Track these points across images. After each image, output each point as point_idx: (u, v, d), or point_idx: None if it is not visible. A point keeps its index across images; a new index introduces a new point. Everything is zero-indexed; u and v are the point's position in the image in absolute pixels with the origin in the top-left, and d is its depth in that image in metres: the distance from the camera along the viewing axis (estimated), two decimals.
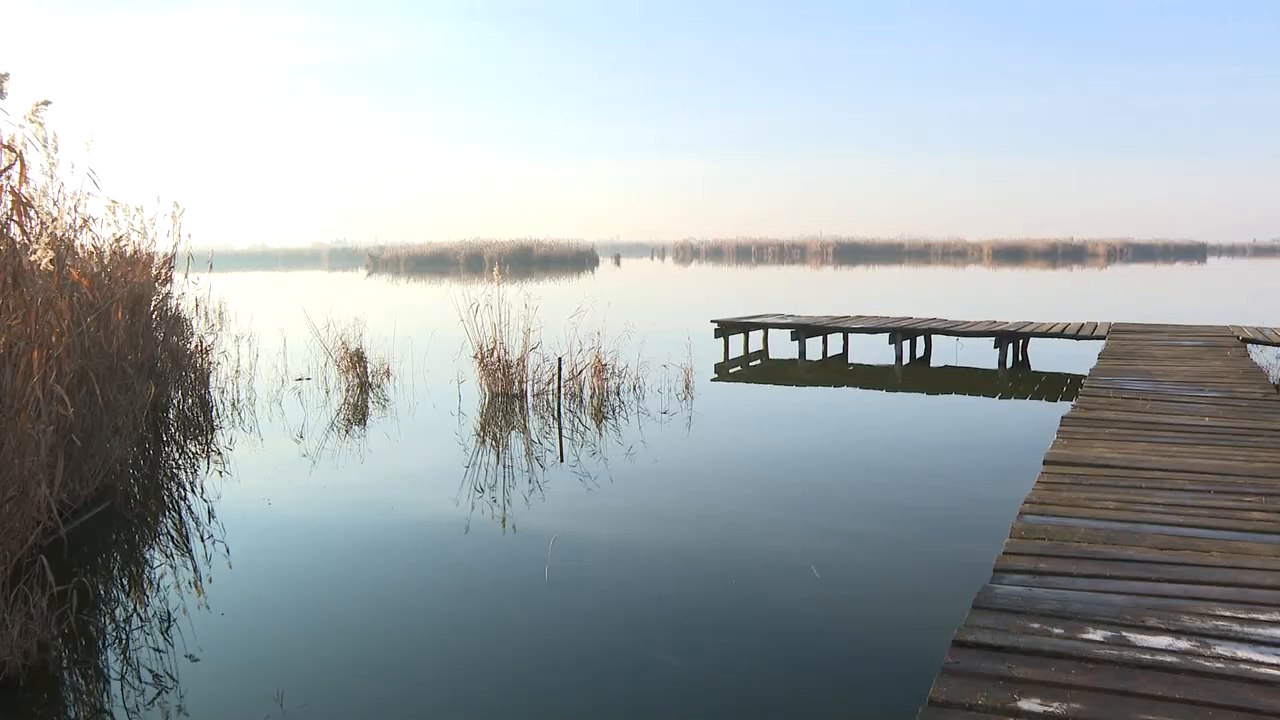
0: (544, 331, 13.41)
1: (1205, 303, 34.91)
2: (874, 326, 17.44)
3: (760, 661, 5.25)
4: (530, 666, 5.24)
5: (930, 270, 69.99)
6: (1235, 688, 3.36)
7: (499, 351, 13.18)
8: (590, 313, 13.76)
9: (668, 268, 78.97)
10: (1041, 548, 4.93)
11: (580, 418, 12.09)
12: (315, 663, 5.33)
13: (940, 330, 17.36)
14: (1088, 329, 16.60)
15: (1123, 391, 10.05)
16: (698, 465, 9.95)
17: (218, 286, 14.77)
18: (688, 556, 7.04)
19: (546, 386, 13.18)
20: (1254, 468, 6.70)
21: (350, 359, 14.19)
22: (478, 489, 8.77)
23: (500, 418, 12.16)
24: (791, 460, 10.18)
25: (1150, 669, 3.51)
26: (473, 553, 7.19)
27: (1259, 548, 4.95)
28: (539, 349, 13.33)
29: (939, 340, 18.50)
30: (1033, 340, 17.23)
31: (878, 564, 6.90)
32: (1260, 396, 9.75)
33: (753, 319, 18.60)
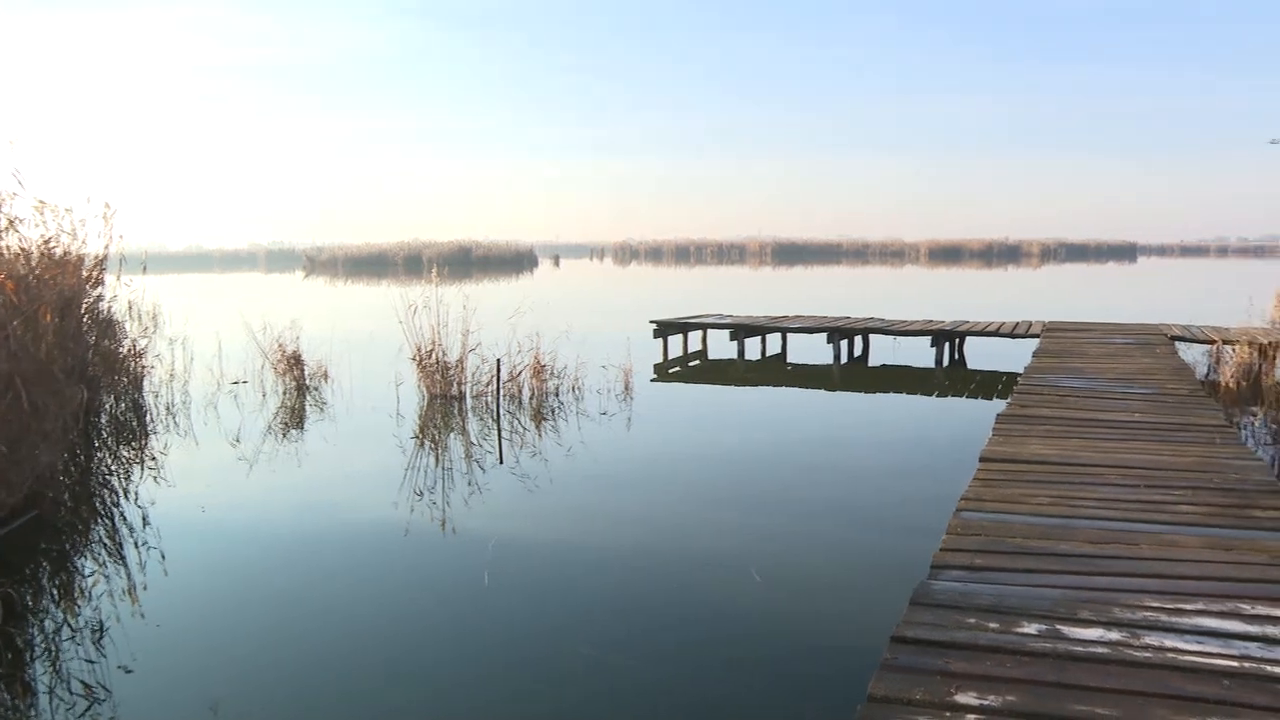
0: (483, 333, 13.35)
1: (1135, 302, 35.51)
2: (812, 326, 17.54)
3: (701, 661, 5.25)
4: (471, 671, 5.21)
5: (868, 270, 70.54)
6: (1163, 676, 3.43)
7: (437, 353, 13.10)
8: (529, 314, 13.72)
9: (607, 268, 78.91)
10: (978, 544, 4.99)
11: (519, 419, 12.05)
12: (252, 671, 5.26)
13: (878, 330, 17.49)
14: (1022, 328, 16.81)
15: (1057, 389, 10.19)
16: (637, 466, 9.95)
17: (152, 289, 14.56)
18: (628, 557, 7.04)
19: (485, 388, 13.12)
20: (1182, 462, 6.82)
21: (287, 361, 14.04)
22: (417, 492, 8.71)
23: (439, 420, 12.09)
24: (731, 459, 10.21)
25: (1083, 660, 3.56)
26: (412, 556, 7.13)
27: (1187, 540, 5.05)
28: (478, 350, 13.26)
29: (876, 340, 18.64)
30: (969, 339, 17.42)
31: (817, 562, 6.94)
32: (1188, 393, 9.93)
33: (691, 319, 18.63)
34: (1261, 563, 4.68)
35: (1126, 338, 15.27)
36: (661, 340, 17.75)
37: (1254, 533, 5.19)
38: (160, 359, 14.36)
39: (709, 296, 36.07)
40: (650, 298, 38.21)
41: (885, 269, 73.40)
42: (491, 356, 13.13)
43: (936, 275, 62.73)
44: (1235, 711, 3.17)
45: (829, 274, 63.73)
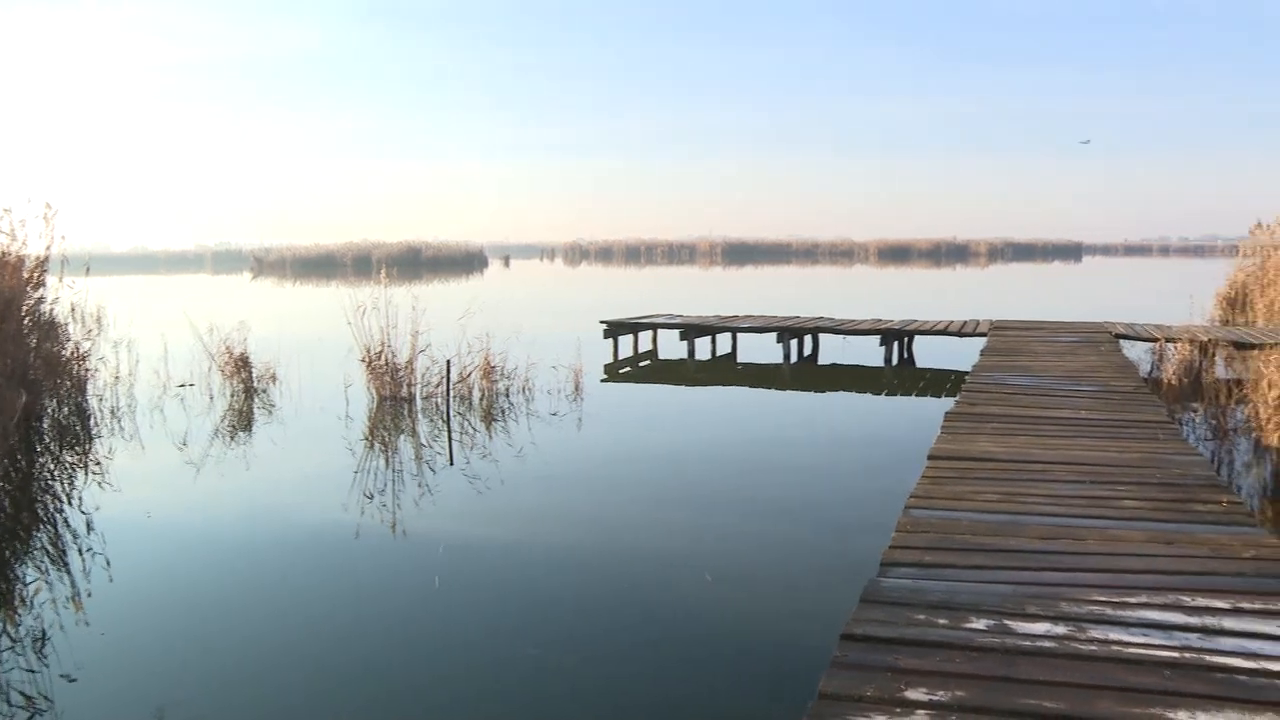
0: (433, 334, 13.28)
1: (1081, 300, 35.97)
2: (762, 326, 17.60)
3: (653, 661, 5.26)
4: (422, 673, 5.19)
5: (818, 270, 70.92)
6: (1108, 668, 3.47)
7: (387, 355, 13.02)
8: (479, 314, 13.67)
9: (557, 269, 78.79)
10: (927, 540, 5.02)
11: (470, 420, 12.00)
12: (199, 678, 5.20)
13: (827, 329, 17.59)
14: (970, 326, 16.97)
15: (1004, 387, 10.29)
16: (588, 466, 9.94)
17: (95, 290, 14.35)
18: (579, 558, 7.03)
19: (435, 389, 13.06)
20: (1127, 458, 6.91)
21: (235, 364, 13.89)
22: (367, 494, 8.65)
23: (389, 421, 12.02)
24: (682, 459, 10.23)
25: (1030, 654, 3.59)
26: (362, 559, 7.09)
27: (1132, 534, 5.12)
28: (428, 351, 13.19)
29: (826, 339, 18.75)
30: (917, 338, 17.55)
31: (768, 561, 6.97)
32: (1132, 390, 10.07)
33: (642, 319, 18.64)
34: (1201, 555, 4.76)
35: (1072, 336, 15.46)
36: (612, 340, 17.74)
37: (1194, 526, 5.27)
38: (104, 362, 14.14)
39: (659, 297, 36.11)
40: (601, 298, 38.18)
41: (835, 269, 73.82)
42: (441, 357, 13.08)
43: (885, 275, 63.18)
44: (1176, 701, 3.22)
45: (779, 274, 63.99)
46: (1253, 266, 24.62)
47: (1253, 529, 5.25)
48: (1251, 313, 22.61)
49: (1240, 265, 25.57)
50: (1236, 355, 15.45)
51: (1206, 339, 14.66)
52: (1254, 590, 4.26)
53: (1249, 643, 3.69)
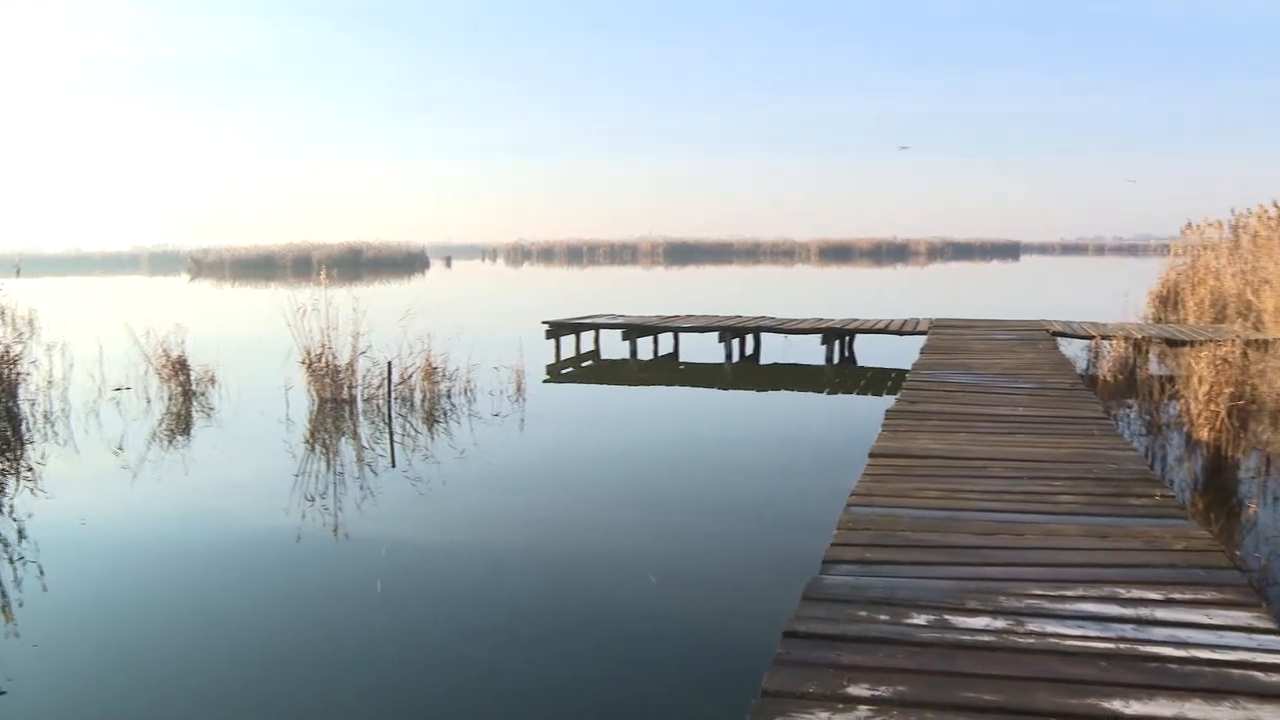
0: (374, 335, 13.18)
1: (1019, 299, 36.43)
2: (704, 325, 17.66)
3: (597, 662, 5.26)
4: (365, 679, 5.15)
5: (759, 270, 71.26)
6: (1046, 660, 3.52)
7: (327, 356, 12.91)
8: (421, 315, 13.59)
9: (499, 269, 78.52)
10: (868, 538, 5.07)
11: (411, 422, 11.94)
12: (137, 689, 5.12)
13: (769, 328, 17.68)
14: (910, 325, 17.13)
15: (944, 384, 10.40)
16: (531, 466, 9.93)
17: (26, 292, 14.10)
18: (523, 559, 7.02)
19: (377, 391, 12.97)
20: (1064, 454, 7.02)
21: (172, 366, 13.70)
22: (308, 497, 8.58)
23: (330, 424, 11.92)
24: (625, 459, 10.24)
25: (970, 649, 3.64)
26: (304, 563, 7.02)
27: (1069, 529, 5.20)
28: (369, 353, 13.09)
29: (767, 338, 18.84)
30: (858, 337, 17.68)
31: (712, 560, 6.99)
32: (1069, 386, 10.22)
33: (584, 320, 18.63)
34: (1136, 548, 4.85)
35: (1010, 334, 15.67)
36: (554, 341, 17.70)
37: (1129, 520, 5.37)
38: (37, 365, 13.89)
39: (602, 297, 36.09)
40: (543, 298, 38.10)
41: (776, 268, 74.20)
42: (382, 359, 12.99)
43: (827, 274, 63.61)
44: (1110, 691, 3.28)
45: (721, 274, 64.22)
46: (1184, 266, 25.07)
47: (1184, 521, 5.36)
48: (1183, 310, 23.03)
49: (1172, 264, 26.04)
50: (1169, 352, 15.71)
51: (1140, 336, 14.91)
52: (1184, 581, 4.35)
53: (1179, 632, 3.77)
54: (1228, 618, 3.92)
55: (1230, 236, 23.45)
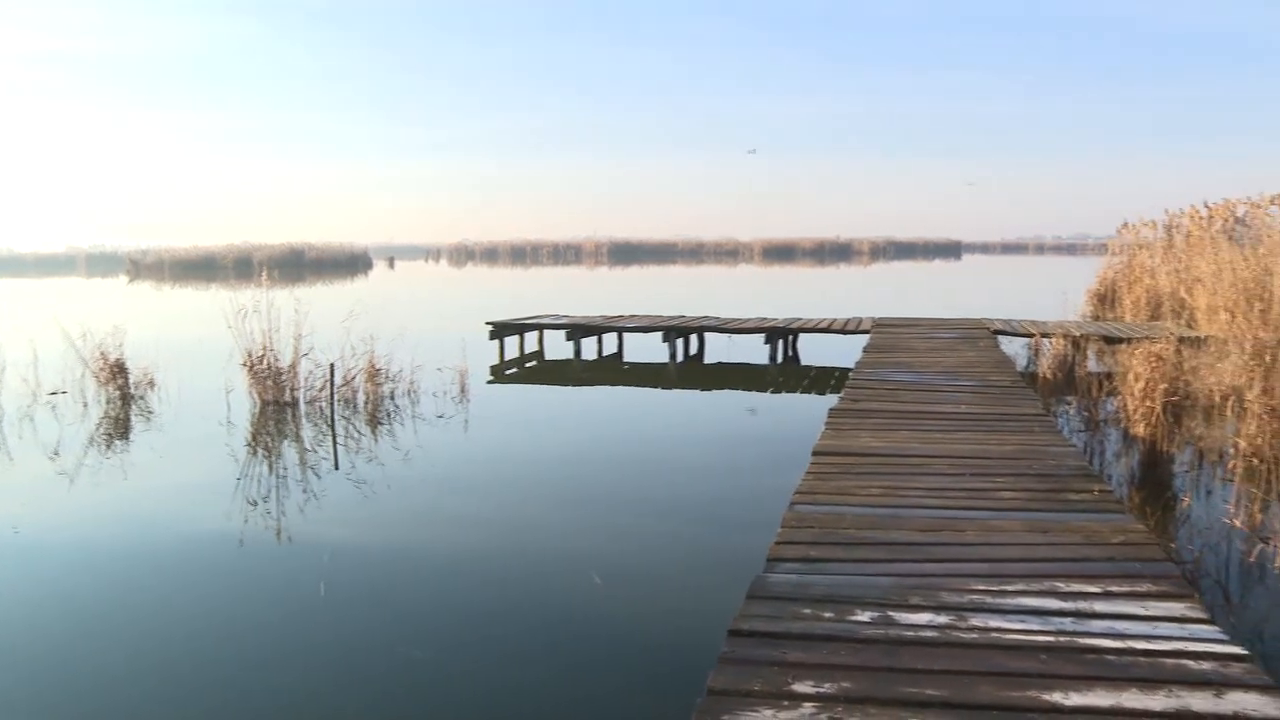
0: (316, 337, 13.06)
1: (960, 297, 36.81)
2: (648, 325, 17.68)
3: (544, 663, 5.25)
4: (309, 684, 5.11)
5: (703, 269, 71.45)
6: (988, 654, 3.57)
7: (269, 358, 12.78)
8: (364, 316, 13.49)
9: (443, 270, 78.13)
10: (812, 536, 5.11)
11: (355, 424, 11.85)
12: (75, 698, 5.04)
13: (712, 328, 17.75)
14: (853, 324, 17.27)
15: (886, 383, 10.49)
16: (475, 468, 9.89)
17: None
18: (467, 561, 6.99)
19: (319, 393, 12.86)
20: (1004, 450, 7.11)
21: (110, 370, 13.48)
22: (250, 501, 8.49)
23: (272, 426, 11.80)
24: (570, 459, 10.23)
25: (913, 644, 3.68)
26: (247, 568, 6.95)
27: (1009, 524, 5.27)
28: (311, 355, 12.98)
29: (711, 338, 18.90)
30: (801, 336, 17.78)
31: (657, 560, 7.01)
32: (1009, 384, 10.35)
33: (528, 320, 18.59)
34: (1075, 543, 4.93)
35: (952, 332, 15.84)
36: (498, 341, 17.66)
37: (1068, 515, 5.45)
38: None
39: (546, 297, 36.03)
40: (487, 299, 37.96)
41: (720, 268, 74.45)
42: (325, 360, 12.88)
43: (770, 274, 63.92)
44: (1051, 683, 3.34)
45: (665, 273, 64.33)
46: (1120, 265, 25.48)
47: (1121, 516, 5.45)
48: (1120, 308, 23.40)
49: (1109, 263, 26.45)
50: (1106, 349, 15.97)
51: (1079, 334, 15.14)
52: (1122, 574, 4.43)
53: (1117, 624, 3.83)
54: (1162, 609, 4.00)
55: (1164, 236, 23.87)
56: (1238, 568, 6.16)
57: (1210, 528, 6.88)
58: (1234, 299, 16.98)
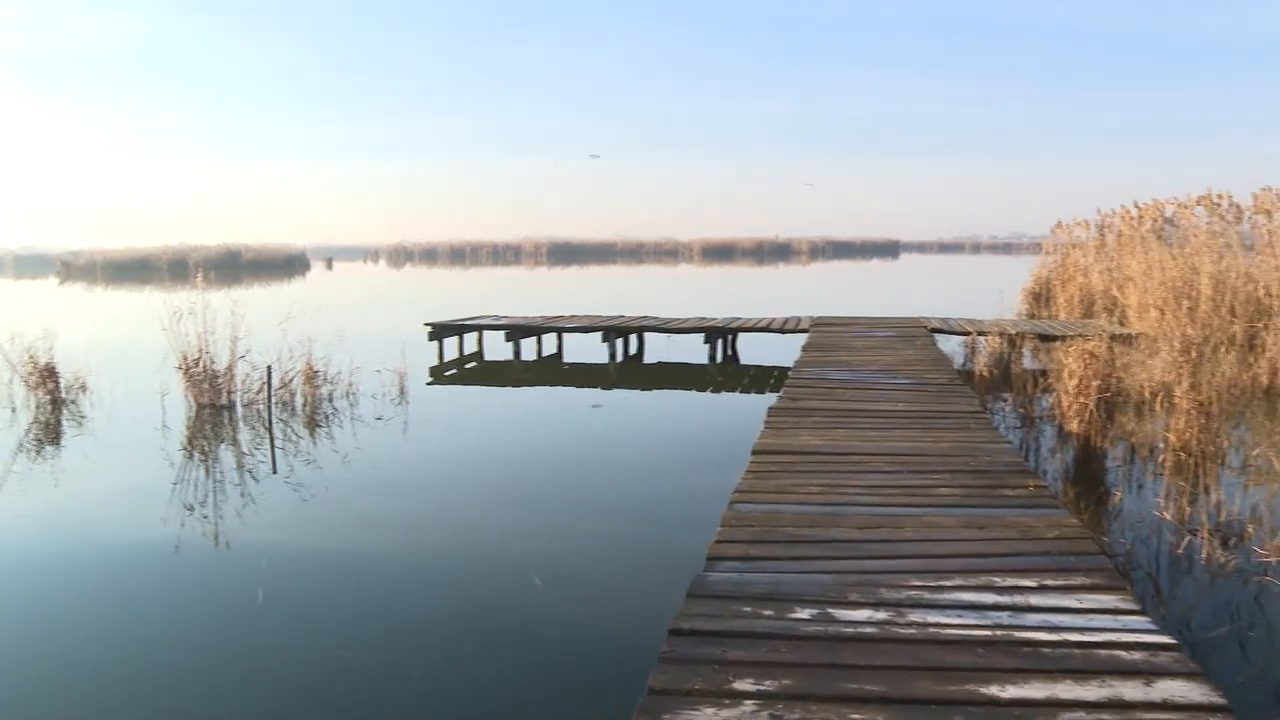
0: (253, 339, 12.92)
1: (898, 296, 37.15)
2: (587, 326, 17.67)
3: (485, 666, 5.24)
4: (248, 692, 5.05)
5: (643, 269, 71.53)
6: (926, 650, 3.62)
7: (205, 361, 12.62)
8: (301, 318, 13.37)
9: (381, 271, 77.55)
10: (751, 534, 5.13)
11: (293, 426, 11.74)
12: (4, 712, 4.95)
13: (652, 328, 17.78)
14: (792, 323, 17.37)
15: (825, 381, 10.57)
16: (415, 470, 9.84)
17: None
18: (407, 564, 6.95)
19: (257, 396, 12.73)
20: (941, 447, 7.19)
21: (40, 374, 13.23)
22: (187, 506, 8.38)
23: (209, 430, 11.66)
24: (510, 461, 10.20)
25: (853, 640, 3.71)
26: (183, 574, 6.85)
27: (946, 521, 5.33)
28: (248, 357, 12.84)
29: (651, 338, 18.94)
30: (741, 335, 17.87)
31: (598, 560, 7.01)
32: (946, 382, 10.47)
33: (467, 321, 18.50)
34: (1010, 538, 5.00)
35: (889, 331, 15.98)
36: (437, 343, 17.57)
37: (1004, 510, 5.53)
38: None
39: (485, 298, 35.88)
40: (426, 300, 37.73)
41: (660, 268, 74.57)
42: (262, 363, 12.74)
43: (710, 274, 64.12)
44: (988, 677, 3.38)
45: (605, 274, 64.32)
46: (1054, 264, 25.87)
47: (1056, 511, 5.53)
48: (1054, 307, 23.75)
49: (1044, 262, 26.84)
50: (1041, 347, 16.21)
51: (1014, 332, 15.34)
52: (1057, 568, 4.50)
53: (1052, 617, 3.90)
54: (1096, 601, 4.06)
55: (1097, 236, 24.27)
56: (1167, 559, 6.28)
57: (1141, 521, 7.01)
58: (1163, 297, 17.32)
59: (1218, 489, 7.62)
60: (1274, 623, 5.36)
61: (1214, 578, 5.94)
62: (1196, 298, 17.07)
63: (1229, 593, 5.74)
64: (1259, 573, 5.86)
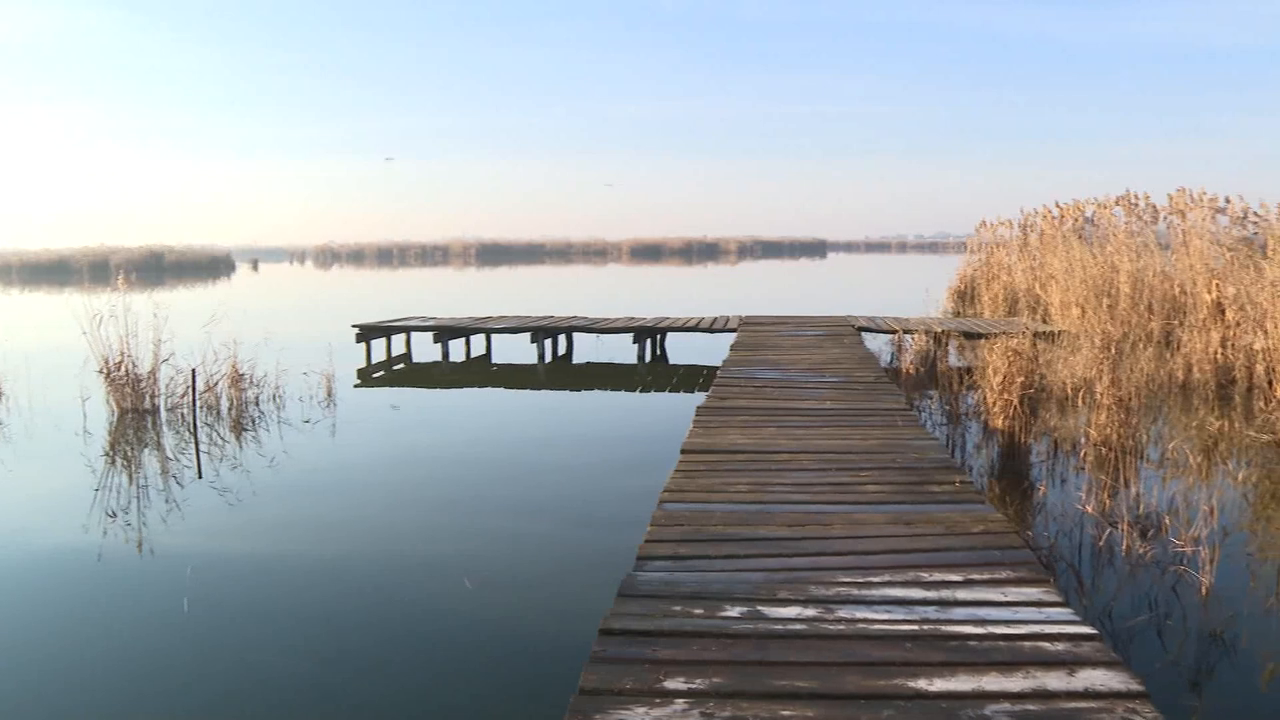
0: (177, 342, 12.71)
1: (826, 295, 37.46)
2: (516, 326, 17.61)
3: (416, 669, 5.20)
4: (173, 703, 4.97)
5: (572, 270, 71.47)
6: (855, 645, 3.65)
7: (127, 365, 12.39)
8: (227, 321, 13.19)
9: (308, 272, 76.68)
10: (681, 533, 5.15)
11: (218, 431, 11.57)
12: None
13: (581, 328, 17.76)
14: (720, 322, 17.46)
15: (753, 380, 10.63)
16: (343, 473, 9.74)
17: None
18: (337, 569, 6.88)
19: (181, 400, 12.52)
20: (868, 445, 7.26)
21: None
22: (109, 513, 8.22)
23: (132, 435, 11.45)
24: (440, 462, 10.14)
25: (783, 638, 3.74)
26: (105, 584, 6.71)
27: (873, 517, 5.39)
28: (172, 360, 12.63)
29: (580, 338, 18.93)
30: (670, 335, 17.92)
31: (530, 561, 6.98)
32: (873, 380, 10.58)
33: (394, 323, 18.34)
34: (937, 533, 5.07)
35: (817, 329, 16.11)
36: (365, 345, 17.42)
37: (930, 506, 5.60)
38: None
39: (414, 299, 35.63)
40: (353, 302, 37.38)
41: (589, 268, 74.55)
42: (186, 366, 12.54)
43: (638, 273, 64.20)
44: (916, 671, 3.42)
45: (533, 274, 64.17)
46: (979, 262, 26.26)
47: (981, 506, 5.62)
48: (979, 305, 24.11)
49: (969, 261, 27.23)
50: (967, 344, 16.43)
51: (940, 330, 15.53)
52: (982, 562, 4.57)
53: (978, 610, 3.95)
54: (1021, 594, 4.13)
55: (1020, 235, 24.67)
56: (1089, 552, 6.40)
57: (1064, 514, 7.13)
58: (1084, 295, 17.65)
59: (1137, 482, 7.78)
60: (1189, 611, 5.49)
61: (1133, 568, 6.07)
62: (1116, 296, 17.43)
63: (1148, 583, 5.87)
64: (1176, 563, 5.99)
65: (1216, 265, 16.10)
